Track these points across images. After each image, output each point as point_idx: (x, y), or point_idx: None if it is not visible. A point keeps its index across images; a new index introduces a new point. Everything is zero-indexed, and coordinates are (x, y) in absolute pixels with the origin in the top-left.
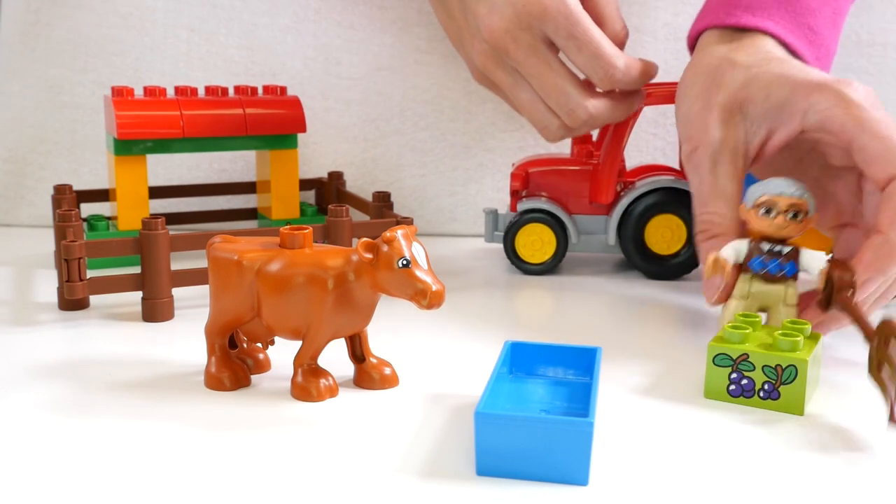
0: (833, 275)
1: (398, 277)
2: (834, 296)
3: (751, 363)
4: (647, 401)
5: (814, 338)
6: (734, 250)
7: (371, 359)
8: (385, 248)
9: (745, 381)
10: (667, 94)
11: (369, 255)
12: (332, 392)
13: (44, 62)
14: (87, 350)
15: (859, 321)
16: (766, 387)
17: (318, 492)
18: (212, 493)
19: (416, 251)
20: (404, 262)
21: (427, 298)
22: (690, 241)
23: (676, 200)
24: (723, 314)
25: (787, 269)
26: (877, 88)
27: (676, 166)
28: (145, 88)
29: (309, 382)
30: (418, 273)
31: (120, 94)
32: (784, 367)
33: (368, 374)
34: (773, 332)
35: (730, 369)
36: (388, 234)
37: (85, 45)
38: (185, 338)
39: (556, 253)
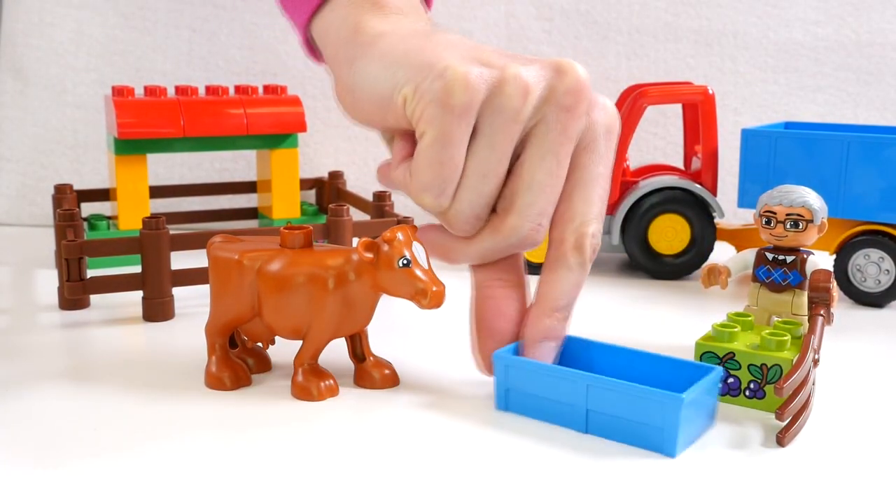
0: (812, 285)
1: (399, 277)
2: (809, 305)
3: (737, 362)
4: None
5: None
6: (742, 259)
7: (371, 358)
8: (385, 247)
9: (731, 380)
10: (667, 93)
11: (370, 255)
12: (333, 392)
13: (45, 61)
14: (87, 350)
15: (812, 333)
16: (751, 385)
17: (318, 492)
18: (212, 493)
19: (417, 251)
20: (405, 262)
21: (428, 298)
22: (694, 241)
23: (680, 200)
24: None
25: (791, 278)
26: (877, 88)
27: (679, 165)
28: (146, 88)
29: (309, 382)
30: (419, 273)
31: (120, 94)
32: (769, 366)
33: (369, 373)
34: (762, 332)
35: None
36: (388, 233)
37: (87, 45)
38: (186, 337)
39: None
